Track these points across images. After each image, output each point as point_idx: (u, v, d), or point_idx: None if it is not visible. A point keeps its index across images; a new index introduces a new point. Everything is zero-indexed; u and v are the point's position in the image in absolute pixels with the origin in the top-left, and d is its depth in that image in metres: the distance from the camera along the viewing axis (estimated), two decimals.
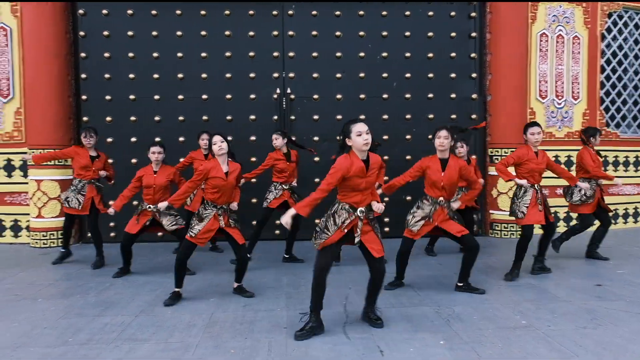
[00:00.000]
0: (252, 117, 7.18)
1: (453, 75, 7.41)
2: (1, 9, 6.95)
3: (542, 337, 3.30)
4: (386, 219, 7.13)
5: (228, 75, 7.16)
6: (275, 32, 7.18)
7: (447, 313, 3.83)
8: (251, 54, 7.17)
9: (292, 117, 7.23)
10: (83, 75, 7.07)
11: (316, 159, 7.18)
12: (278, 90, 7.20)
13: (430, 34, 7.36)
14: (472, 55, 7.45)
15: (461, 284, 4.41)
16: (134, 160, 7.04)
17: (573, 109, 7.69)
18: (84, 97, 7.07)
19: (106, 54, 7.04)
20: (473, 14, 7.45)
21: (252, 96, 7.18)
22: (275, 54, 7.20)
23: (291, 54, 7.21)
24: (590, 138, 5.86)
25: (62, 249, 5.84)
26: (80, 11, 7.01)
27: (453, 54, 7.40)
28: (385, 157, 7.29)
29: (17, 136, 7.01)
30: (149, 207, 4.96)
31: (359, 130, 3.28)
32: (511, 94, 7.29)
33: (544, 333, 3.38)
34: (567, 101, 7.67)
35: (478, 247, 4.27)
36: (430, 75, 7.38)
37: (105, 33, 7.04)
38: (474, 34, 7.44)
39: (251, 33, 7.16)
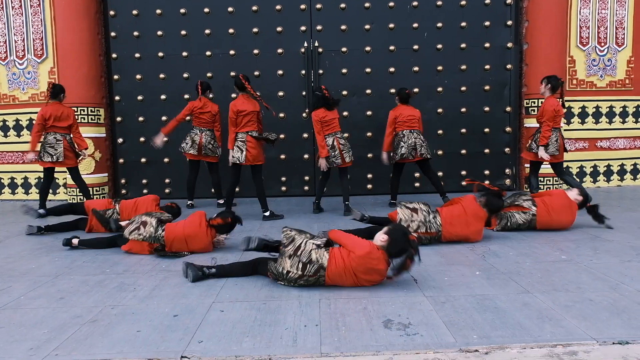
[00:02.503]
0: (280, 72, 7.09)
1: (487, 23, 7.08)
2: None
3: (584, 269, 3.17)
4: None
5: (255, 30, 7.06)
6: None
7: (482, 250, 3.74)
8: (278, 7, 7.03)
9: (320, 71, 7.09)
10: (113, 34, 7.11)
11: (345, 113, 7.08)
12: (305, 44, 7.06)
13: None
14: (508, 1, 7.08)
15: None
16: (164, 118, 7.11)
17: (616, 57, 7.26)
18: (114, 55, 7.13)
19: (134, 12, 7.04)
20: None
21: (280, 50, 7.08)
22: (302, 6, 7.04)
23: (318, 5, 7.03)
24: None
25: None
26: None
27: (487, 1, 7.05)
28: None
29: None
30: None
31: None
32: (549, 42, 6.91)
33: (586, 266, 3.25)
34: (610, 48, 7.24)
35: None
36: (463, 24, 7.07)
37: None
38: None
39: None
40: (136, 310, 2.66)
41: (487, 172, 7.25)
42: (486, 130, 7.19)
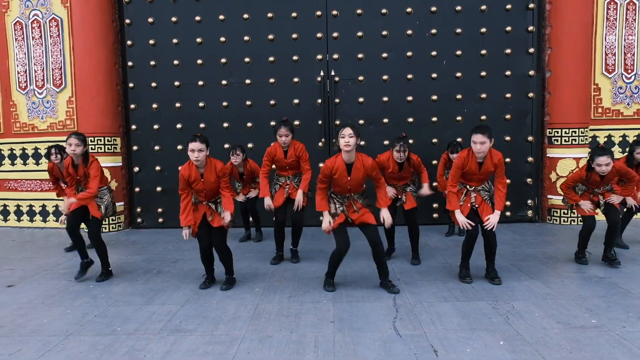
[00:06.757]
0: (296, 101, 7.02)
1: (508, 50, 6.90)
2: (52, 0, 7.10)
3: (617, 341, 2.97)
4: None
5: (271, 58, 7.01)
6: (319, 12, 6.93)
7: (506, 309, 3.56)
8: (294, 35, 6.97)
9: (337, 100, 7.00)
10: (130, 63, 7.14)
11: (362, 143, 6.94)
12: (322, 73, 6.98)
13: (483, 7, 6.87)
14: (530, 28, 6.90)
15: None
16: (179, 147, 7.10)
17: None
18: (131, 84, 7.15)
19: (151, 41, 7.06)
20: None
21: (296, 79, 7.01)
22: (319, 35, 6.96)
23: (335, 34, 6.95)
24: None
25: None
26: None
27: (508, 28, 6.88)
28: (435, 140, 7.00)
29: (70, 124, 7.21)
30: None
31: (342, 133, 3.74)
32: (573, 69, 6.71)
33: (619, 335, 3.05)
34: (637, 75, 6.98)
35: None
36: (483, 51, 6.91)
37: (150, 20, 7.04)
38: (531, 5, 6.88)
39: (294, 14, 6.95)
40: None
41: (508, 202, 7.01)
42: (507, 160, 6.96)
